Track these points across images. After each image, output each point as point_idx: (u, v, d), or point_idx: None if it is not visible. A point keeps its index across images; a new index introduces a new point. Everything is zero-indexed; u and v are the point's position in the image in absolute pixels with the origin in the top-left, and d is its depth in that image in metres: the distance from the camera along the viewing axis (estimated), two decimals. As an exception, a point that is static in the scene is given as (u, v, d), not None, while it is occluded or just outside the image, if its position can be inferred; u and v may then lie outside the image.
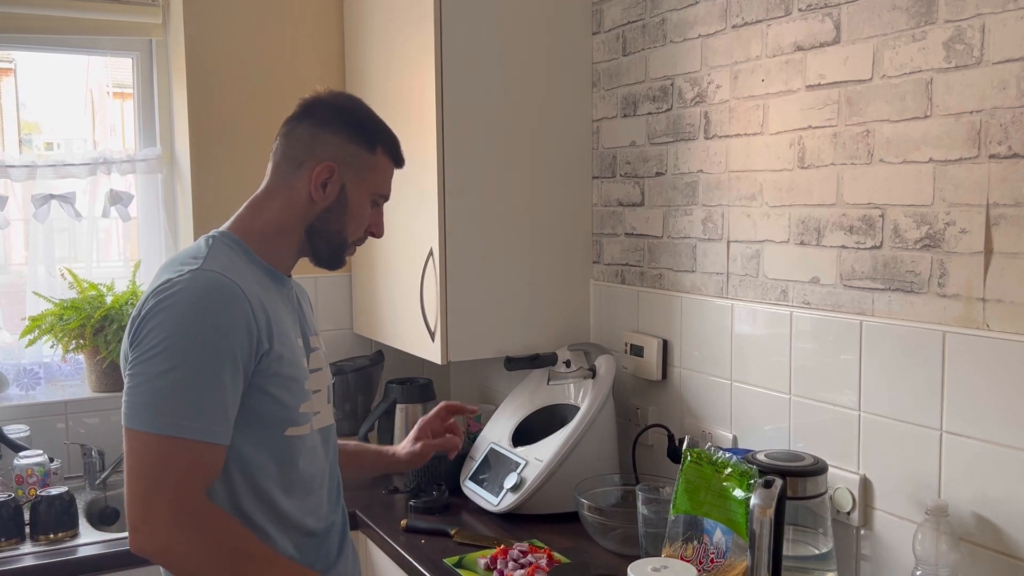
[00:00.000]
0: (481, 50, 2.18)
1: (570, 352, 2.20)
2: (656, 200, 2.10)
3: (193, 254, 1.39)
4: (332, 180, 1.45)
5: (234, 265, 1.38)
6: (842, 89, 1.62)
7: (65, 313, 2.49)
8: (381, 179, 1.51)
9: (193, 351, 1.26)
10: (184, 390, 1.26)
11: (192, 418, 1.25)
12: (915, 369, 1.51)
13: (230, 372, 1.29)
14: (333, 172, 1.44)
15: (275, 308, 1.41)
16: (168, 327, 1.27)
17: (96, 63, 2.73)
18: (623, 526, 1.83)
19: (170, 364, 1.25)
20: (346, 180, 1.46)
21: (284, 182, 1.46)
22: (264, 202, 1.48)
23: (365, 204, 1.50)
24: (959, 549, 1.40)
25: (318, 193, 1.44)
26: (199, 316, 1.28)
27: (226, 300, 1.30)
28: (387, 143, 1.51)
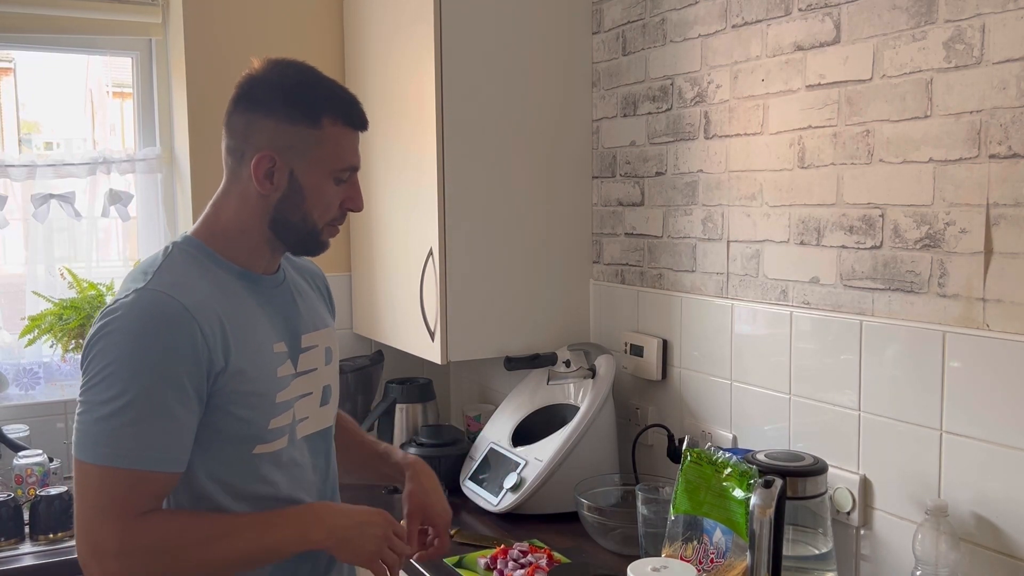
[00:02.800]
0: (481, 50, 2.18)
1: (570, 352, 2.20)
2: (656, 200, 2.10)
3: (145, 268, 1.31)
4: (277, 169, 1.31)
5: (187, 277, 1.29)
6: (842, 89, 1.62)
7: (65, 313, 2.48)
8: (336, 152, 1.34)
9: (136, 378, 1.19)
10: (127, 419, 1.19)
11: (134, 447, 1.19)
12: (915, 369, 1.51)
13: (176, 397, 1.21)
14: (274, 161, 1.30)
15: (241, 317, 1.31)
16: (110, 354, 1.20)
17: (96, 63, 2.73)
18: (623, 526, 1.83)
19: (112, 392, 1.19)
20: (293, 165, 1.31)
21: (234, 177, 1.35)
22: (222, 200, 1.37)
23: (324, 185, 1.34)
24: (959, 549, 1.40)
25: (265, 186, 1.31)
26: (140, 342, 1.21)
27: (168, 323, 1.22)
28: (334, 110, 1.33)
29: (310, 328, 1.44)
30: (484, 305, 2.23)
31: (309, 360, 1.41)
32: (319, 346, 1.44)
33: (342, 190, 1.37)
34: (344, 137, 1.35)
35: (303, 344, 1.41)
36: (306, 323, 1.44)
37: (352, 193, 1.39)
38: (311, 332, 1.43)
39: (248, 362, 1.29)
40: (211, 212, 1.38)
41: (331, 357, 1.48)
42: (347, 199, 1.38)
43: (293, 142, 1.31)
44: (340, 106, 1.34)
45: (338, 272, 2.72)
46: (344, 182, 1.37)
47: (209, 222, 1.37)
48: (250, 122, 1.32)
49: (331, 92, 1.35)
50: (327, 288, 1.60)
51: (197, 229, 1.38)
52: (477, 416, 2.58)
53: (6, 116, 2.61)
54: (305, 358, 1.40)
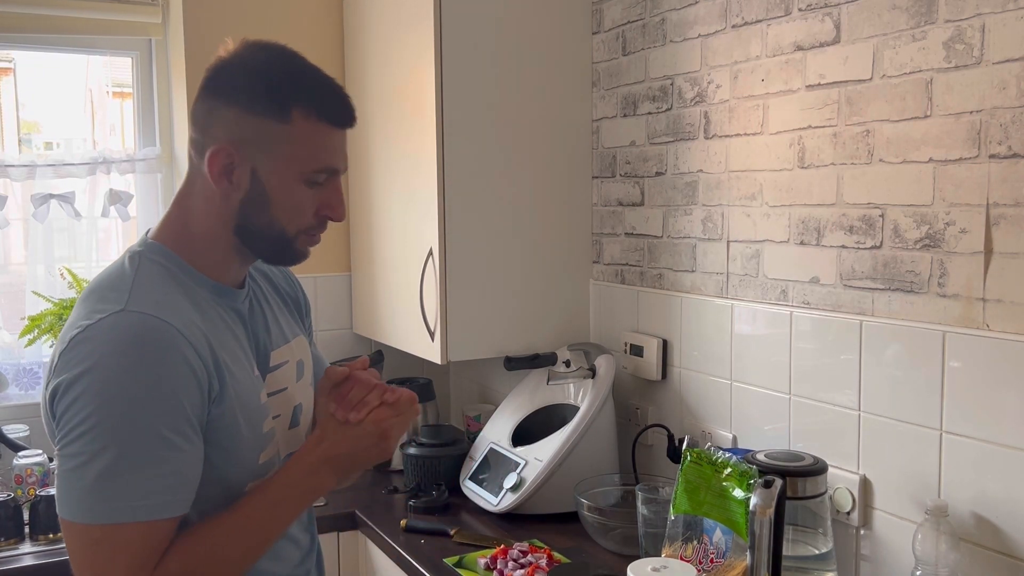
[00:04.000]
0: (481, 50, 2.18)
1: (570, 352, 2.20)
2: (656, 200, 2.10)
3: (114, 284, 1.13)
4: (236, 165, 1.14)
5: (167, 293, 1.13)
6: (842, 89, 1.62)
7: (64, 313, 2.48)
8: (308, 151, 1.15)
9: (130, 423, 1.03)
10: (125, 470, 1.03)
11: (138, 498, 1.04)
12: (915, 369, 1.51)
13: (179, 431, 1.07)
14: (231, 156, 1.13)
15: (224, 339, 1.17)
16: (94, 397, 1.03)
17: (95, 63, 2.73)
18: (623, 526, 1.83)
19: (103, 443, 1.03)
20: (256, 162, 1.14)
21: (196, 173, 1.18)
22: (187, 199, 1.20)
23: (293, 188, 1.15)
24: (959, 549, 1.40)
25: (221, 183, 1.14)
26: (131, 378, 1.04)
27: (162, 350, 1.06)
28: (308, 102, 1.14)
29: (279, 342, 1.29)
30: (484, 305, 2.23)
31: (279, 379, 1.27)
32: (289, 362, 1.29)
33: (317, 194, 1.18)
34: (319, 134, 1.15)
35: (272, 362, 1.26)
36: (275, 338, 1.28)
37: (331, 199, 1.19)
38: (280, 347, 1.28)
39: (237, 387, 1.15)
40: (175, 213, 1.20)
41: (302, 372, 1.32)
42: (324, 206, 1.18)
43: (256, 136, 1.13)
44: (316, 97, 1.15)
45: (338, 272, 2.72)
46: (320, 185, 1.17)
47: (174, 225, 1.20)
48: (211, 111, 1.15)
49: (306, 81, 1.17)
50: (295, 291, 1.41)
51: (161, 232, 1.20)
52: (477, 416, 2.58)
53: (6, 116, 2.61)
54: (275, 377, 1.26)
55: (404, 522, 2.04)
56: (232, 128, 1.14)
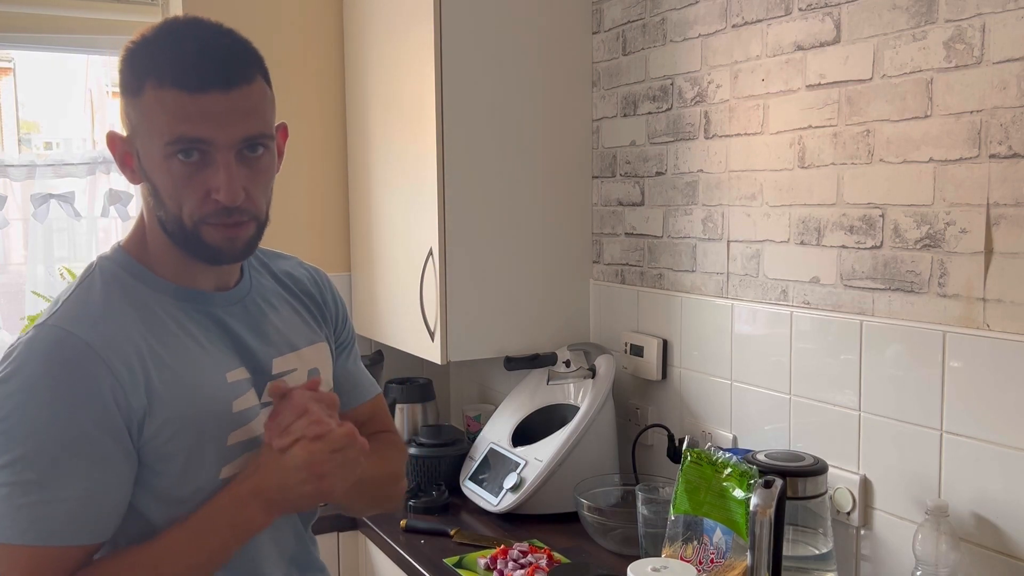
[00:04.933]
0: (481, 50, 2.18)
1: (570, 352, 2.20)
2: (656, 200, 2.10)
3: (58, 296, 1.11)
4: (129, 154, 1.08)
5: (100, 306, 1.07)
6: (842, 89, 1.62)
7: (64, 313, 2.48)
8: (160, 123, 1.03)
9: (32, 438, 0.98)
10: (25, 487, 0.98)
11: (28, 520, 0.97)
12: (915, 369, 1.51)
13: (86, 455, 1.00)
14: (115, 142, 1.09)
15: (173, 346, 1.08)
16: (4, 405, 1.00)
17: (95, 62, 2.73)
18: (623, 526, 1.83)
19: (5, 458, 0.98)
20: (138, 148, 1.07)
21: None
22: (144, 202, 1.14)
23: (161, 167, 1.04)
24: (959, 549, 1.40)
25: (125, 173, 1.10)
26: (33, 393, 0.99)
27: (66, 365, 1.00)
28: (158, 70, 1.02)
29: (284, 350, 1.20)
30: (484, 305, 2.23)
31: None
32: (298, 369, 1.21)
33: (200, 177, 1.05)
34: (171, 101, 1.02)
35: (274, 369, 1.18)
36: (279, 343, 1.20)
37: (212, 181, 1.04)
38: (285, 355, 1.20)
39: (183, 398, 1.06)
40: (141, 216, 1.14)
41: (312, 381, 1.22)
42: (212, 188, 1.04)
43: (127, 119, 1.08)
44: (166, 64, 1.03)
45: (338, 272, 2.72)
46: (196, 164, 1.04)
47: (138, 230, 1.14)
48: None
49: (160, 49, 1.04)
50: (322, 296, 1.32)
51: (128, 239, 1.15)
52: (477, 416, 2.58)
53: (6, 116, 2.62)
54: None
55: (404, 522, 2.04)
56: (120, 114, 1.10)
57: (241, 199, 1.06)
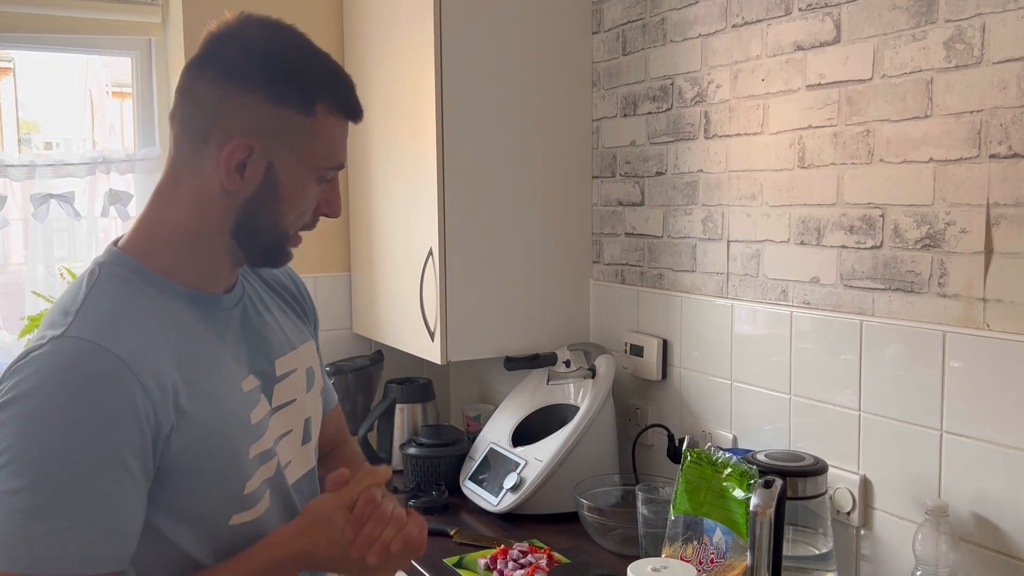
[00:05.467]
0: (481, 50, 2.18)
1: (570, 352, 2.20)
2: (656, 200, 2.10)
3: (66, 305, 1.01)
4: (252, 160, 1.04)
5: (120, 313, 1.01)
6: (842, 89, 1.62)
7: (64, 313, 2.48)
8: (326, 147, 1.08)
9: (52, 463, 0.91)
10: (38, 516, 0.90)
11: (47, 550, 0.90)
12: (915, 369, 1.51)
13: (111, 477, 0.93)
14: (251, 151, 1.03)
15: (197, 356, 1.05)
16: (18, 427, 0.91)
17: (95, 62, 2.73)
18: (623, 526, 1.83)
19: (22, 481, 0.90)
20: (273, 156, 1.04)
21: (190, 163, 1.06)
22: (171, 194, 1.07)
23: (307, 184, 1.08)
24: (959, 549, 1.40)
25: (232, 180, 1.04)
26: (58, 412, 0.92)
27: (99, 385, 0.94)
28: (332, 95, 1.07)
29: (284, 350, 1.18)
30: (484, 305, 2.23)
31: (286, 391, 1.16)
32: (298, 369, 1.19)
33: (323, 190, 1.11)
34: (337, 129, 1.09)
35: (278, 371, 1.15)
36: (277, 345, 1.17)
37: (331, 196, 1.13)
38: (286, 355, 1.17)
39: (208, 412, 1.03)
40: (151, 215, 1.08)
41: (312, 381, 1.23)
42: (324, 203, 1.12)
43: (278, 128, 1.04)
44: (338, 91, 1.08)
45: (338, 272, 2.72)
46: (327, 182, 1.12)
47: (148, 230, 1.08)
48: (224, 96, 1.03)
49: (328, 71, 1.08)
50: (300, 292, 1.31)
51: (130, 241, 1.08)
52: (477, 416, 2.58)
53: (6, 116, 2.62)
54: (282, 388, 1.15)
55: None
56: (253, 118, 1.03)
57: None
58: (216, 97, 1.04)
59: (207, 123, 1.04)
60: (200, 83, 1.05)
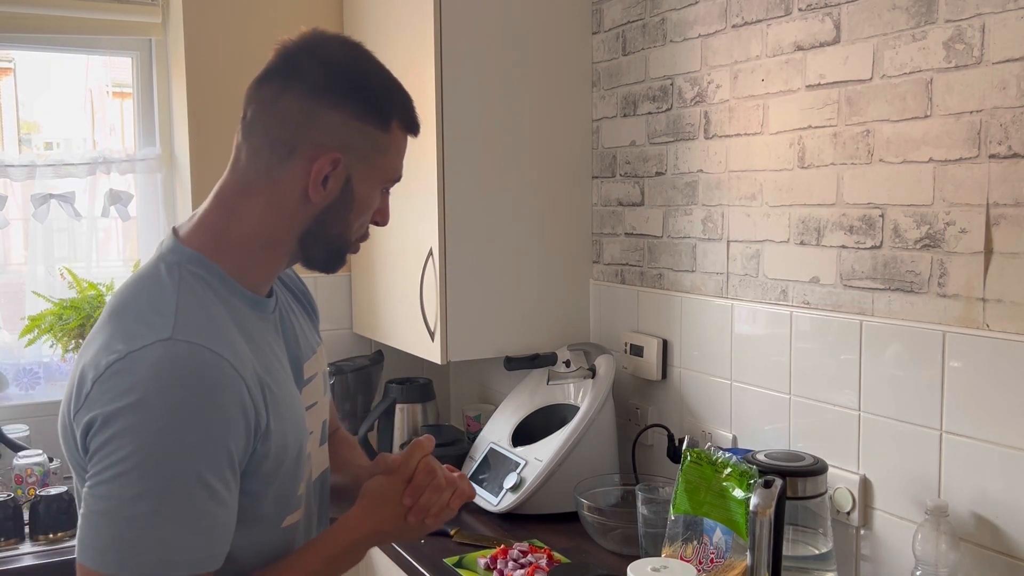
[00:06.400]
0: (481, 50, 2.18)
1: (570, 352, 2.20)
2: (656, 200, 2.10)
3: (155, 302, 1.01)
4: (335, 173, 1.08)
5: (212, 316, 1.02)
6: (842, 89, 1.62)
7: (64, 313, 2.48)
8: (395, 161, 1.14)
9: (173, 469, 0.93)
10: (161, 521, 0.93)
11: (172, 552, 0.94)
12: (915, 369, 1.51)
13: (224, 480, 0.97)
14: (338, 164, 1.07)
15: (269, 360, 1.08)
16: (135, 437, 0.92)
17: (95, 63, 2.73)
18: (623, 526, 1.83)
19: (140, 488, 0.92)
20: (353, 170, 1.09)
21: (267, 174, 1.08)
22: (241, 202, 1.08)
23: (374, 195, 1.14)
24: (959, 549, 1.40)
25: (317, 192, 1.07)
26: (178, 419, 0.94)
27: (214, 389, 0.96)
28: (403, 113, 1.13)
29: (308, 354, 1.21)
30: (484, 305, 2.23)
31: (311, 393, 1.19)
32: (317, 374, 1.22)
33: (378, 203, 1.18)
34: (403, 143, 1.16)
35: (306, 375, 1.19)
36: (304, 349, 1.21)
37: (384, 206, 1.19)
38: (310, 359, 1.21)
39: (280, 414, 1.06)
40: (220, 217, 1.09)
41: (326, 384, 1.26)
42: (378, 212, 1.18)
43: (359, 143, 1.09)
44: (407, 109, 1.14)
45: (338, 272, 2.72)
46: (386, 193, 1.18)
47: (217, 231, 1.09)
48: (311, 111, 1.06)
49: (398, 89, 1.14)
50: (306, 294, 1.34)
51: (196, 236, 1.09)
52: (477, 416, 2.58)
53: (6, 116, 2.62)
54: (308, 391, 1.18)
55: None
56: (340, 134, 1.07)
57: None
58: (304, 112, 1.06)
59: (293, 136, 1.07)
60: (285, 96, 1.07)
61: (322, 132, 1.07)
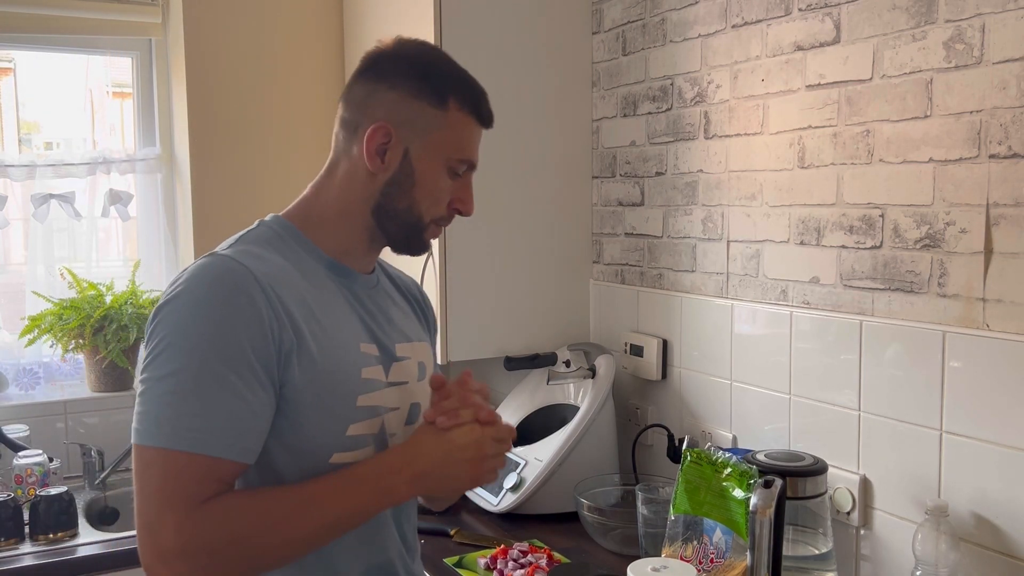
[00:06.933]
0: (481, 50, 2.18)
1: (570, 352, 2.20)
2: (656, 200, 2.10)
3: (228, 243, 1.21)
4: (392, 145, 1.19)
5: (264, 250, 1.17)
6: (842, 89, 1.62)
7: (64, 313, 2.48)
8: (457, 140, 1.22)
9: (195, 351, 1.06)
10: (188, 396, 1.05)
11: (196, 428, 1.04)
12: (915, 369, 1.51)
13: (240, 375, 1.06)
14: (390, 135, 1.19)
15: (323, 303, 1.18)
16: (169, 324, 1.08)
17: (95, 63, 2.73)
18: (623, 526, 1.83)
19: (170, 368, 1.06)
20: (409, 144, 1.19)
21: (343, 153, 1.23)
22: (326, 180, 1.25)
23: (438, 173, 1.21)
24: (959, 549, 1.40)
25: (374, 162, 1.19)
26: (200, 310, 1.07)
27: (232, 288, 1.08)
28: (463, 94, 1.22)
29: (400, 339, 1.29)
30: (484, 305, 2.23)
31: (401, 371, 1.26)
32: (412, 359, 1.29)
33: (454, 187, 1.24)
34: (467, 127, 1.23)
35: (397, 353, 1.27)
36: (401, 332, 1.30)
37: (463, 194, 1.25)
38: (401, 343, 1.29)
39: (324, 351, 1.14)
40: (310, 193, 1.26)
41: (424, 373, 1.32)
42: (457, 199, 1.24)
43: (414, 118, 1.19)
44: (470, 93, 1.23)
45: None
46: (459, 177, 1.24)
47: (306, 204, 1.25)
48: (371, 93, 1.21)
49: (462, 76, 1.25)
50: (425, 303, 1.46)
51: (290, 210, 1.26)
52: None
53: (6, 116, 2.62)
54: (398, 368, 1.26)
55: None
56: (392, 109, 1.19)
57: None
58: (366, 93, 1.21)
59: (358, 116, 1.21)
60: (355, 87, 1.23)
61: (379, 108, 1.20)
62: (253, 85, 2.59)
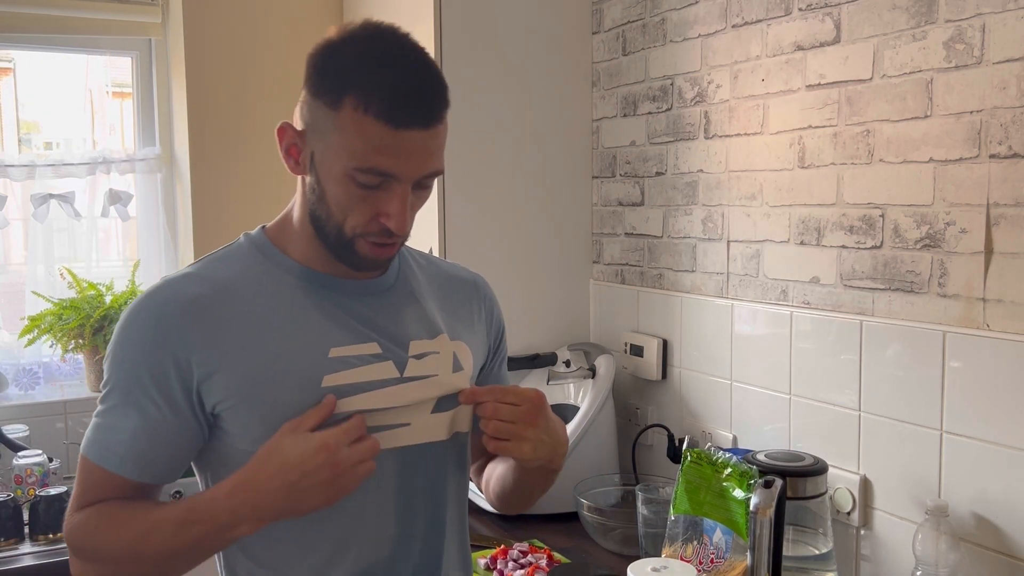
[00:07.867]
0: (481, 50, 2.18)
1: (570, 352, 2.20)
2: (656, 200, 2.10)
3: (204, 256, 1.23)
4: (301, 148, 1.10)
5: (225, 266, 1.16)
6: (842, 89, 1.62)
7: (64, 313, 2.48)
8: (353, 146, 1.04)
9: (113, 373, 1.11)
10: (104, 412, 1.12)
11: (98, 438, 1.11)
12: (915, 369, 1.51)
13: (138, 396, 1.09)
14: (292, 136, 1.11)
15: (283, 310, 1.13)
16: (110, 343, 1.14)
17: (95, 63, 2.73)
18: (623, 526, 1.83)
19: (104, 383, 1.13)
20: (314, 148, 1.08)
21: None
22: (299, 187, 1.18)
23: (340, 181, 1.06)
24: (959, 549, 1.40)
25: (288, 162, 1.13)
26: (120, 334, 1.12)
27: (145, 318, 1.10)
28: (365, 93, 1.02)
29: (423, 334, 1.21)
30: (484, 305, 2.23)
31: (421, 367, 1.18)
32: (440, 352, 1.21)
33: (374, 198, 1.08)
34: (368, 131, 1.03)
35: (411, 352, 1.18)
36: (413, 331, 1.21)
37: (388, 208, 1.08)
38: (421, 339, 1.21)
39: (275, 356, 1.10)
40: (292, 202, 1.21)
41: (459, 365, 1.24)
42: (381, 213, 1.08)
43: (314, 119, 1.08)
44: (376, 91, 1.02)
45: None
46: (374, 188, 1.07)
47: (284, 212, 1.21)
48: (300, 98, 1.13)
49: (371, 70, 1.04)
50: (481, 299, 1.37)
51: (274, 220, 1.23)
52: (477, 416, 2.58)
53: (6, 116, 2.62)
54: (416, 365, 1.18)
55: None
56: (301, 108, 1.10)
57: (408, 228, 1.12)
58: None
59: None
60: None
61: (298, 107, 1.12)
62: (253, 85, 2.58)
